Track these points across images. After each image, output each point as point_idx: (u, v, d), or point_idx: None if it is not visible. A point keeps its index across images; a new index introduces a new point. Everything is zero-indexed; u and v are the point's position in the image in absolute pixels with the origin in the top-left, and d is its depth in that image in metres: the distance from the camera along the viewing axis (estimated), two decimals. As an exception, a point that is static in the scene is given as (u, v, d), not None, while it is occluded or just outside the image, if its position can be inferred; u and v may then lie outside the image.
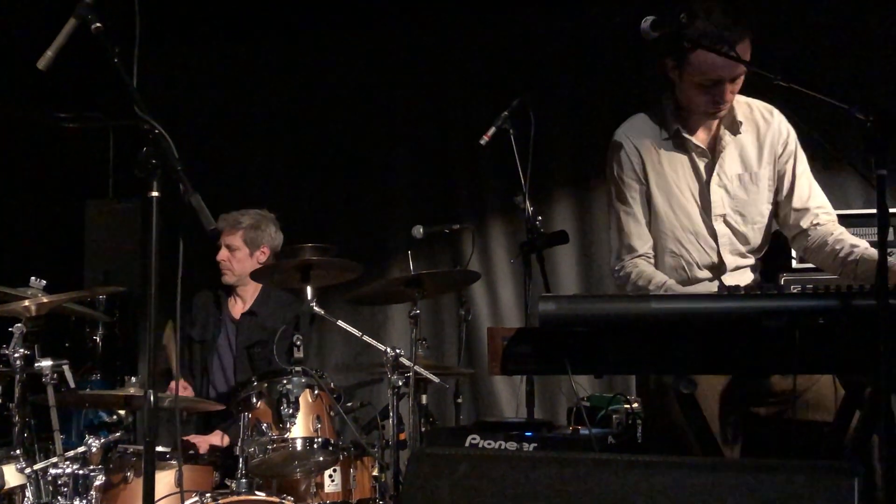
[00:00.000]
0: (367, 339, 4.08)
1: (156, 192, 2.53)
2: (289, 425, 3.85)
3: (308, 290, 3.99)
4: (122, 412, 4.13)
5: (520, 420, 4.24)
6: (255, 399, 3.92)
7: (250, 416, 3.85)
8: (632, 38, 2.82)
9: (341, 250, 4.30)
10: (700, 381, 2.77)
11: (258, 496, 3.68)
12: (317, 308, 4.01)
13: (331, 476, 4.02)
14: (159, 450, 3.73)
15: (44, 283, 3.90)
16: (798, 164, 3.13)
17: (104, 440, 3.72)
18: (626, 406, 3.80)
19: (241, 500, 3.62)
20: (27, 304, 3.76)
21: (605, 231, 5.54)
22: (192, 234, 2.60)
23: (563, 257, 5.61)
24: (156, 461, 2.69)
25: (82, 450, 3.67)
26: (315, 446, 3.87)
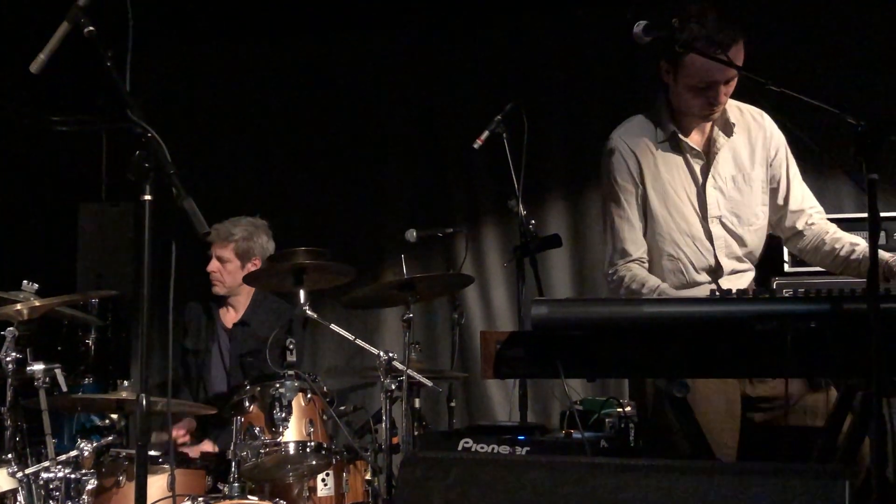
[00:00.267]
0: (360, 342, 4.08)
1: (148, 196, 2.52)
2: (281, 429, 3.84)
3: (301, 293, 3.99)
4: (114, 416, 4.11)
5: (513, 424, 4.24)
6: (247, 403, 3.92)
7: (243, 419, 3.85)
8: (625, 42, 2.83)
9: (335, 254, 4.30)
10: (695, 386, 2.79)
11: (251, 500, 3.68)
12: (310, 312, 4.01)
13: (324, 480, 4.01)
14: (152, 454, 3.72)
15: (36, 286, 3.89)
16: (790, 166, 3.17)
17: (96, 444, 3.72)
18: (618, 410, 3.80)
19: (233, 504, 3.63)
20: (19, 307, 3.75)
21: (599, 235, 5.61)
22: (185, 238, 2.60)
23: (556, 261, 5.62)
24: (148, 465, 2.68)
25: (74, 454, 3.67)
26: (308, 450, 3.87)
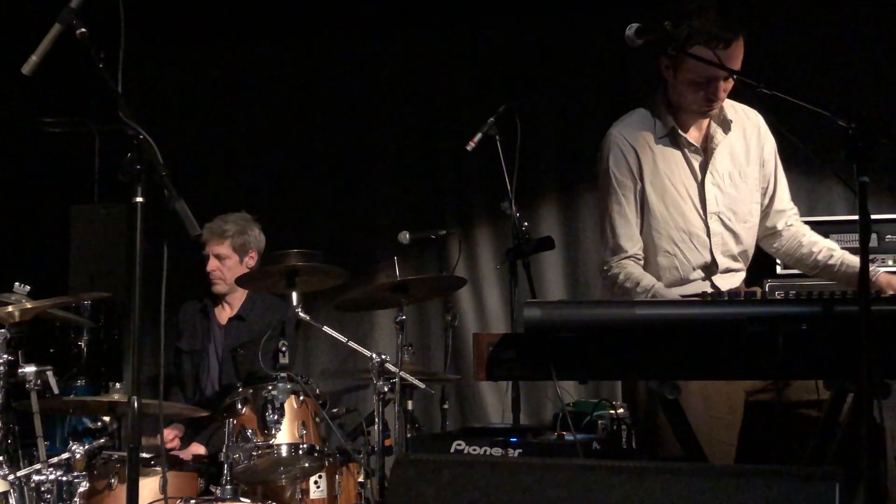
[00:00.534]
0: (352, 344, 4.07)
1: (140, 198, 2.52)
2: (274, 431, 3.84)
3: (294, 295, 3.99)
4: (106, 418, 4.11)
5: (505, 426, 4.23)
6: (240, 405, 3.91)
7: (235, 422, 3.84)
8: (618, 44, 2.83)
9: (327, 256, 4.29)
10: (695, 385, 2.79)
11: (243, 502, 3.67)
12: (302, 314, 4.00)
13: (316, 482, 4.01)
14: (144, 456, 3.72)
15: (28, 288, 3.89)
16: (778, 166, 3.21)
17: (88, 446, 3.71)
18: (611, 412, 3.80)
19: (225, 506, 3.62)
20: (11, 309, 3.75)
21: (592, 237, 5.65)
22: (176, 239, 2.59)
23: (549, 263, 5.62)
24: (140, 467, 2.68)
25: (66, 456, 3.66)
26: (300, 452, 3.87)
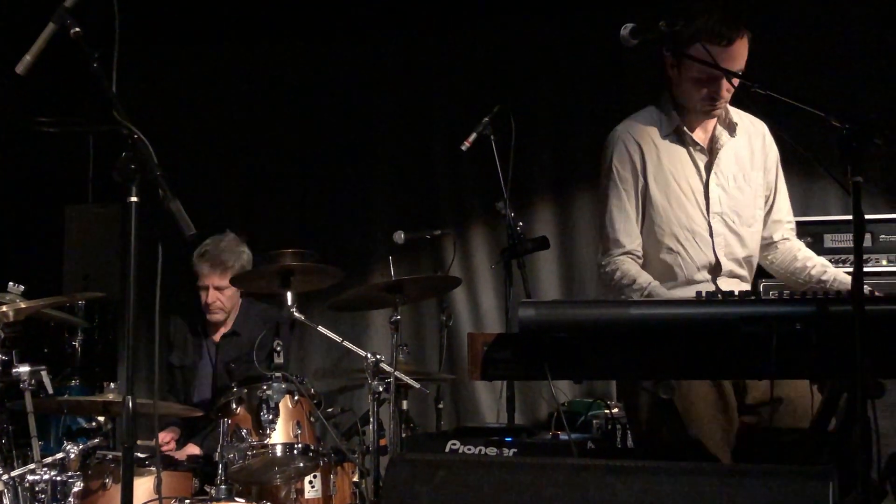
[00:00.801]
0: (347, 344, 4.07)
1: (135, 198, 2.52)
2: (269, 431, 3.84)
3: (288, 295, 3.98)
4: (100, 418, 4.10)
5: (500, 426, 4.24)
6: (234, 405, 3.91)
7: (230, 422, 3.84)
8: (614, 44, 2.83)
9: (322, 256, 4.29)
10: (685, 389, 2.79)
11: (238, 502, 3.67)
12: (297, 314, 4.00)
13: (311, 482, 4.00)
14: (138, 456, 3.71)
15: (22, 288, 3.88)
16: (779, 177, 3.19)
17: (83, 446, 3.71)
18: (605, 411, 3.82)
19: (220, 506, 3.62)
20: (5, 309, 3.74)
21: (587, 237, 5.66)
22: (171, 239, 2.59)
23: (543, 263, 5.62)
24: (134, 467, 2.67)
25: (60, 456, 3.66)
26: (295, 452, 3.86)
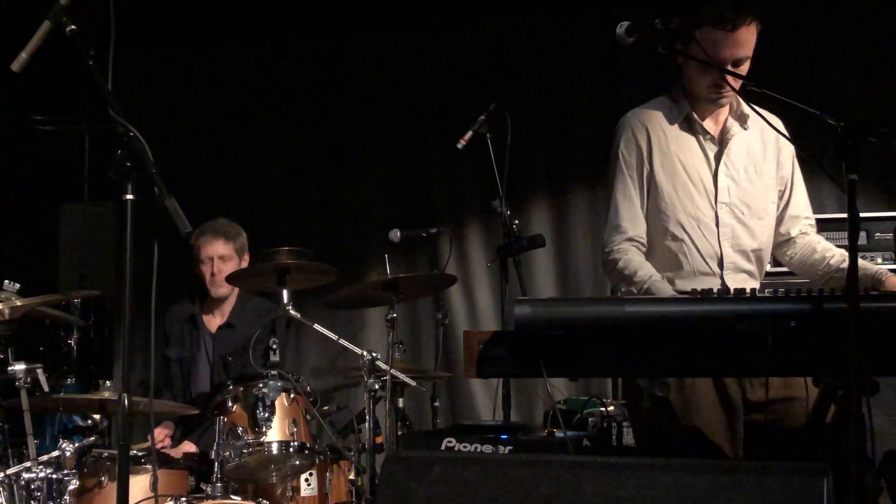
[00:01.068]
0: (343, 342, 4.08)
1: (130, 196, 2.51)
2: (265, 429, 3.84)
3: (284, 293, 3.98)
4: (96, 416, 4.10)
5: (496, 423, 4.25)
6: (230, 403, 3.91)
7: (226, 419, 3.83)
8: (610, 42, 2.83)
9: (318, 254, 4.29)
10: (687, 388, 2.79)
11: (234, 500, 3.67)
12: (293, 312, 4.00)
13: (307, 480, 4.01)
14: (134, 454, 3.71)
15: (17, 286, 3.88)
16: (796, 171, 3.16)
17: (78, 444, 3.71)
18: (601, 409, 3.82)
19: (216, 504, 3.62)
20: (0, 307, 3.74)
21: (582, 234, 5.67)
22: (167, 237, 2.59)
23: (539, 261, 5.63)
24: (130, 465, 2.67)
25: (56, 454, 3.66)
26: (291, 450, 3.87)
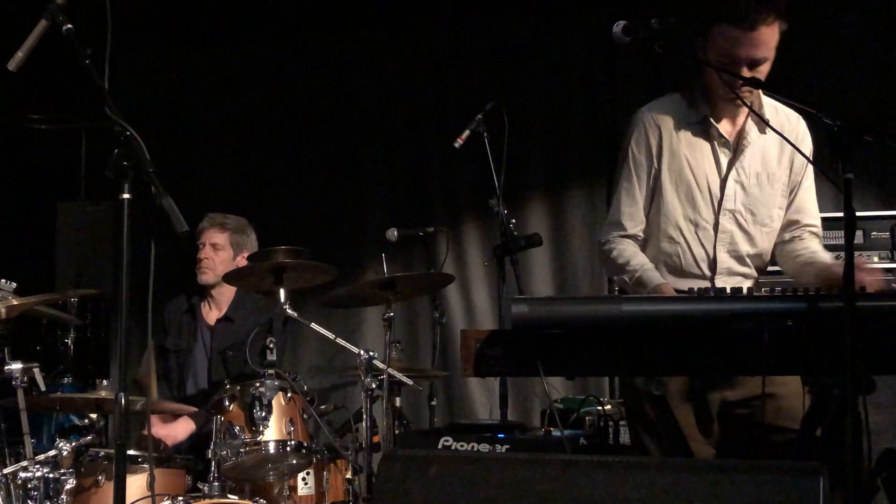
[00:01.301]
0: (340, 341, 4.07)
1: (127, 195, 2.51)
2: (262, 428, 3.83)
3: (281, 292, 3.98)
4: (93, 416, 4.09)
5: (493, 422, 4.25)
6: (227, 402, 3.90)
7: (223, 419, 3.83)
8: (606, 42, 2.83)
9: (315, 253, 4.29)
10: (671, 385, 2.79)
11: (231, 499, 3.67)
12: (290, 311, 4.00)
13: (304, 479, 4.01)
14: (131, 453, 3.71)
15: (14, 285, 3.87)
16: (807, 177, 3.10)
17: (75, 444, 3.70)
18: (598, 408, 3.82)
19: (213, 503, 3.61)
20: (-3, 306, 3.74)
21: (579, 234, 5.67)
22: (164, 236, 2.59)
23: (536, 260, 5.63)
24: (127, 464, 2.67)
25: (53, 453, 3.65)
26: (288, 449, 3.86)
